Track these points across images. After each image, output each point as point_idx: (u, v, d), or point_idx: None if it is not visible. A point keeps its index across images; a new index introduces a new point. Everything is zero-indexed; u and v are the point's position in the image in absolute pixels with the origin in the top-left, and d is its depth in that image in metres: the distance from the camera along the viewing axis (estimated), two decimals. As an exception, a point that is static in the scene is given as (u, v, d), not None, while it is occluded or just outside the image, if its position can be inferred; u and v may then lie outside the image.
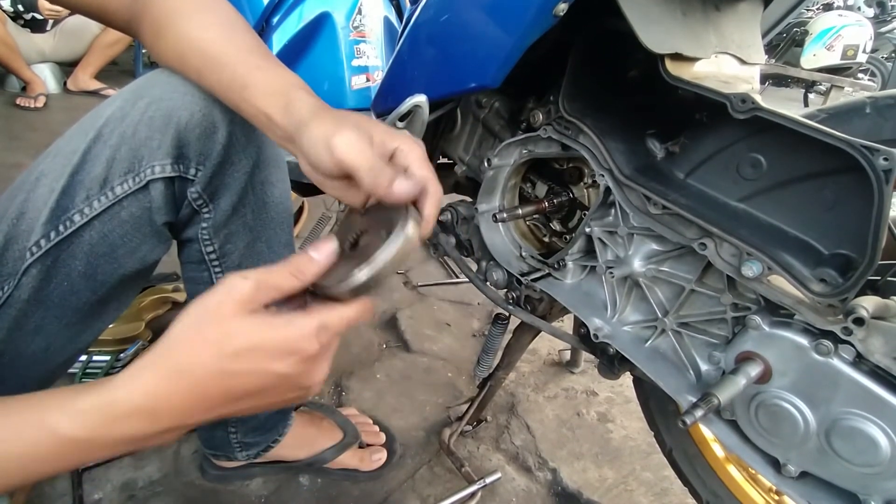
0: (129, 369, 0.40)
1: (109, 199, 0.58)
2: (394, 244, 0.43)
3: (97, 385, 0.40)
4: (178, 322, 0.40)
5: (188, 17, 0.57)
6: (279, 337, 0.40)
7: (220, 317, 0.39)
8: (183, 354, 0.39)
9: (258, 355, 0.40)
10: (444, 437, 1.06)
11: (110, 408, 0.39)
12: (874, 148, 0.47)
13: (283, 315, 0.41)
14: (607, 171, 0.66)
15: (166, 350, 0.40)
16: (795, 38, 5.46)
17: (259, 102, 0.52)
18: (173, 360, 0.39)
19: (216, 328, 0.39)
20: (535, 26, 0.60)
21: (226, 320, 0.39)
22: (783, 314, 0.57)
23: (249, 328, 0.40)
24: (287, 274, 0.42)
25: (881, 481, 0.53)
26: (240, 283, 0.40)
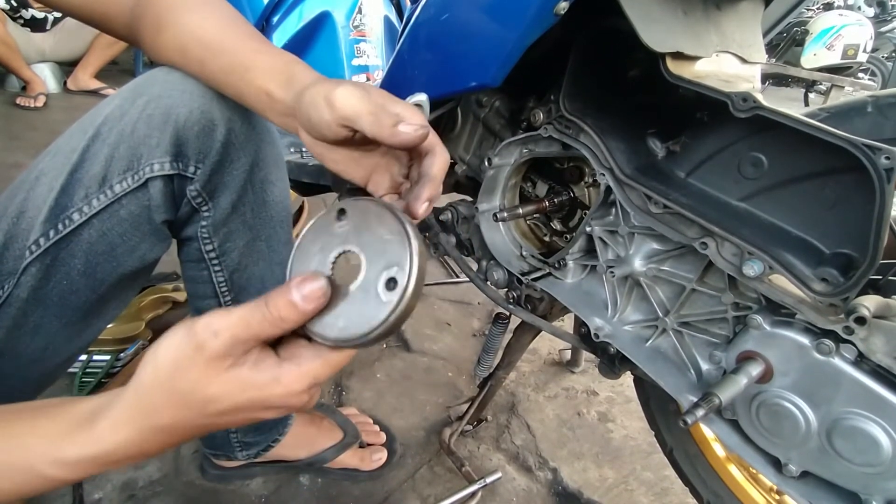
0: (107, 420, 0.39)
1: (108, 197, 0.58)
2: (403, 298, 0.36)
3: (80, 430, 0.39)
4: (147, 373, 0.38)
5: (188, 11, 0.58)
6: (264, 396, 0.38)
7: (193, 380, 0.37)
8: (161, 416, 0.38)
9: (244, 412, 0.39)
10: (445, 436, 1.06)
11: (97, 459, 0.39)
12: (876, 147, 0.47)
13: (267, 370, 0.37)
14: (608, 170, 0.66)
15: (143, 408, 0.38)
16: (796, 37, 5.46)
17: (260, 82, 0.52)
18: (153, 420, 0.38)
19: (193, 394, 0.37)
20: (535, 25, 0.60)
21: (202, 386, 0.37)
22: (784, 313, 0.57)
23: (230, 391, 0.37)
24: (266, 325, 0.37)
25: (882, 481, 0.53)
26: (210, 342, 0.36)
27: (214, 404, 0.37)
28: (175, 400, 0.38)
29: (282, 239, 0.76)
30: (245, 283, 0.74)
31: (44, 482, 0.40)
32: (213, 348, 0.36)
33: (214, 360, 0.36)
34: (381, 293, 0.37)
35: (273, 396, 0.38)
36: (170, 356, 0.37)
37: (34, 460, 0.39)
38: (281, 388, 0.38)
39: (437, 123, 0.87)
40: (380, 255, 0.38)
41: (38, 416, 0.41)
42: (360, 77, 1.21)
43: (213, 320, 0.36)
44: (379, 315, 0.36)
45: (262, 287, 0.76)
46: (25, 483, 0.40)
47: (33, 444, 0.40)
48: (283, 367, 0.38)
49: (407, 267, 0.37)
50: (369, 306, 0.37)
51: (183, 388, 0.37)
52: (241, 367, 0.37)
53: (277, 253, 0.76)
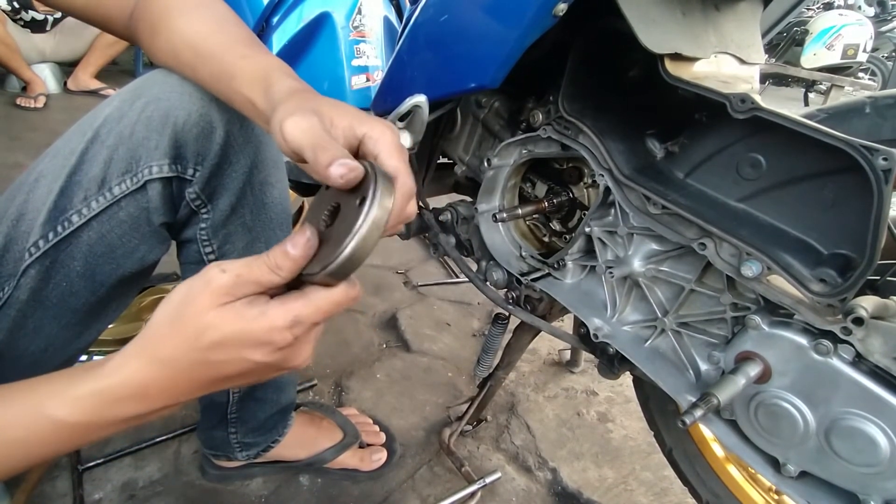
0: (117, 356, 0.41)
1: (107, 199, 0.58)
2: (365, 222, 0.40)
3: (89, 371, 0.41)
4: (160, 310, 0.41)
5: (181, 13, 0.58)
6: (250, 329, 0.40)
7: (196, 310, 0.40)
8: (163, 346, 0.41)
9: (232, 347, 0.41)
10: (444, 436, 1.06)
11: (104, 394, 0.41)
12: (873, 148, 0.47)
13: (257, 306, 0.40)
14: (607, 170, 0.66)
15: (149, 340, 0.41)
16: (796, 37, 5.45)
17: (244, 90, 0.52)
18: (156, 351, 0.41)
19: (193, 321, 0.40)
20: (534, 26, 0.60)
21: (201, 313, 0.40)
22: (783, 314, 0.57)
23: (222, 321, 0.40)
24: (265, 269, 0.41)
25: (880, 481, 0.53)
26: (217, 276, 0.40)
27: (208, 333, 0.40)
28: (176, 328, 0.40)
29: (281, 241, 0.76)
30: (245, 284, 0.74)
31: (54, 425, 0.41)
32: (219, 282, 0.40)
33: (217, 293, 0.40)
34: (354, 215, 0.41)
35: (258, 329, 0.40)
36: (181, 290, 0.41)
37: (44, 400, 0.41)
38: (266, 320, 0.40)
39: (437, 124, 0.87)
40: (354, 193, 0.42)
41: (51, 374, 0.43)
42: (360, 77, 1.21)
43: (222, 262, 0.41)
44: (350, 230, 0.40)
45: (261, 288, 0.76)
46: (37, 429, 0.41)
47: (43, 388, 0.41)
48: (270, 304, 0.41)
49: (371, 187, 0.40)
50: (343, 231, 0.41)
51: (185, 315, 0.40)
52: (237, 302, 0.40)
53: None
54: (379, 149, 0.45)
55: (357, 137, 0.45)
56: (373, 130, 0.45)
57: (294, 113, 0.44)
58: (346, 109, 0.47)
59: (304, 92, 0.49)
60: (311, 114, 0.44)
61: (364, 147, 0.45)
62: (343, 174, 0.40)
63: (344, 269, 0.40)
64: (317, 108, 0.45)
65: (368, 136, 0.45)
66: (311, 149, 0.42)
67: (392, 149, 0.45)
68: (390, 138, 0.45)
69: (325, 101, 0.47)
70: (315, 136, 0.43)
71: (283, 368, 0.43)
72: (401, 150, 0.45)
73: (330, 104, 0.47)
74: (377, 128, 0.45)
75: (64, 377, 0.42)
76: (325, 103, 0.47)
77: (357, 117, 0.46)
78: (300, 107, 0.45)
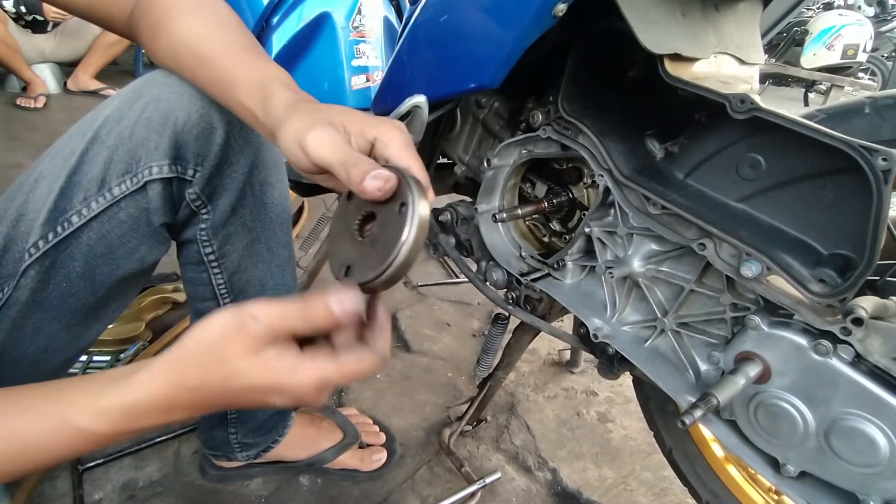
0: (144, 372, 0.42)
1: (107, 200, 0.58)
2: (413, 226, 0.41)
3: (114, 383, 0.42)
4: (191, 339, 0.42)
5: (181, 15, 0.58)
6: (278, 382, 0.41)
7: (227, 354, 0.41)
8: (191, 377, 0.41)
9: (258, 392, 0.42)
10: (444, 437, 1.06)
11: (130, 409, 0.42)
12: (873, 148, 0.47)
13: (288, 358, 0.41)
14: (606, 171, 0.66)
15: (178, 365, 0.42)
16: (795, 37, 5.45)
17: (243, 99, 0.52)
18: (183, 378, 0.42)
19: (223, 364, 0.41)
20: (534, 26, 0.60)
21: (232, 359, 0.41)
22: (782, 314, 0.57)
23: (252, 370, 0.41)
24: (303, 322, 0.41)
25: (880, 481, 0.53)
26: (251, 325, 0.40)
27: (238, 378, 0.41)
28: (207, 363, 0.41)
29: (281, 241, 0.76)
30: (244, 285, 0.75)
31: (78, 435, 0.41)
32: (253, 330, 0.40)
33: (251, 340, 0.40)
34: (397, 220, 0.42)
35: (286, 384, 0.41)
36: (215, 327, 0.41)
37: (70, 410, 0.41)
38: (295, 378, 0.41)
39: (437, 124, 0.87)
40: (389, 201, 0.43)
41: (73, 380, 0.44)
42: (360, 77, 1.21)
43: (258, 308, 0.41)
44: (400, 234, 0.41)
45: (261, 289, 0.76)
46: (61, 437, 0.41)
47: (69, 397, 0.42)
48: (302, 360, 0.41)
49: (409, 192, 0.41)
50: (391, 235, 0.42)
51: (218, 355, 0.41)
52: (269, 350, 0.41)
53: (277, 255, 0.76)
54: (391, 150, 0.46)
55: (369, 141, 0.46)
56: (383, 133, 0.46)
57: (312, 128, 0.45)
58: (354, 115, 0.47)
59: (305, 103, 0.49)
60: (329, 126, 0.45)
61: (376, 150, 0.46)
62: (380, 187, 0.42)
63: (399, 273, 0.42)
64: (329, 119, 0.46)
65: (379, 138, 0.46)
66: (342, 165, 0.43)
67: (403, 149, 0.46)
68: (400, 138, 0.46)
69: (333, 109, 0.48)
70: (341, 151, 0.44)
71: (300, 404, 0.45)
72: (412, 148, 0.46)
73: (339, 112, 0.48)
74: (387, 130, 0.46)
75: (89, 387, 0.42)
76: (335, 112, 0.47)
77: (367, 121, 0.47)
78: (314, 120, 0.46)
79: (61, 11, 2.95)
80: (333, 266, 0.48)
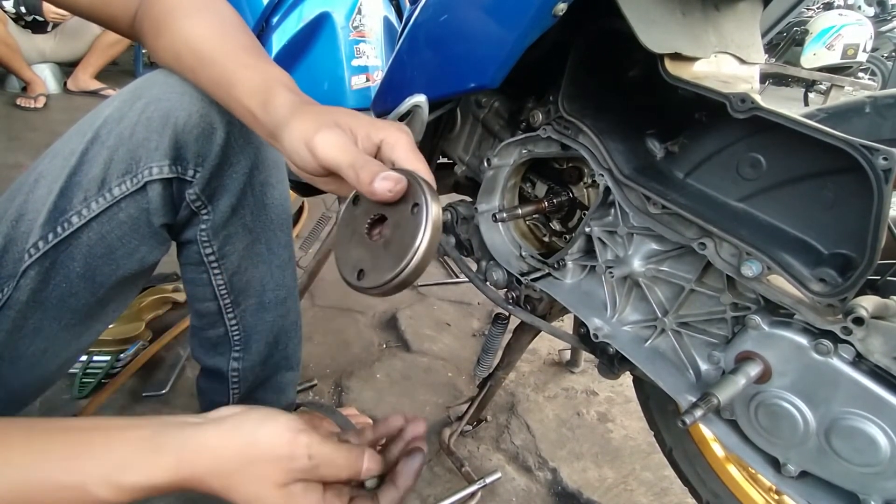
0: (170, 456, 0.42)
1: (107, 200, 0.58)
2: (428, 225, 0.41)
3: (142, 460, 0.42)
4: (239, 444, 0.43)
5: (184, 16, 0.58)
6: None
7: (264, 478, 0.43)
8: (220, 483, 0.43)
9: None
10: (444, 436, 1.06)
11: (154, 488, 0.42)
12: (873, 147, 0.47)
13: (310, 499, 0.44)
14: (607, 170, 0.66)
15: (213, 466, 0.43)
16: (796, 37, 5.45)
17: (244, 100, 0.52)
18: (212, 479, 0.43)
19: (254, 486, 0.43)
20: (534, 26, 0.60)
21: (265, 487, 0.43)
22: (783, 314, 0.57)
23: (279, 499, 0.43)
24: (340, 471, 0.45)
25: (881, 481, 0.53)
26: (302, 464, 0.43)
27: (259, 500, 0.43)
28: (240, 475, 0.43)
29: (281, 241, 0.76)
30: (244, 285, 0.75)
31: (93, 502, 0.42)
32: (300, 466, 0.43)
33: (293, 473, 0.43)
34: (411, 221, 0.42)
35: None
36: (270, 443, 0.43)
37: (88, 482, 0.41)
38: None
39: (437, 124, 0.87)
40: (400, 202, 0.44)
41: (94, 437, 0.43)
42: (360, 77, 1.21)
43: (315, 446, 0.44)
44: (416, 235, 0.41)
45: (261, 290, 0.76)
46: (75, 502, 0.42)
47: (89, 466, 0.42)
48: (325, 500, 0.45)
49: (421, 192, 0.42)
50: (406, 237, 0.42)
51: (255, 472, 0.43)
52: (296, 485, 0.44)
53: (277, 256, 0.76)
54: (398, 153, 0.46)
55: (375, 144, 0.47)
56: (389, 136, 0.46)
57: (320, 130, 0.45)
58: (360, 118, 0.48)
59: (309, 105, 0.49)
60: (337, 128, 0.45)
61: (382, 152, 0.47)
62: (391, 188, 0.42)
63: (415, 275, 0.42)
64: (336, 121, 0.46)
65: (386, 141, 0.46)
66: (350, 166, 0.43)
67: (410, 152, 0.46)
68: (406, 141, 0.47)
69: (339, 111, 0.48)
70: (350, 153, 0.44)
71: None
72: (417, 151, 0.47)
73: (345, 114, 0.48)
74: (393, 133, 0.47)
75: (111, 459, 0.42)
76: (341, 114, 0.48)
77: (372, 124, 0.47)
78: (321, 122, 0.46)
79: (61, 11, 2.96)
80: (344, 270, 0.47)
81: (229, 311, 0.75)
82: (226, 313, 0.76)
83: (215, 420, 0.45)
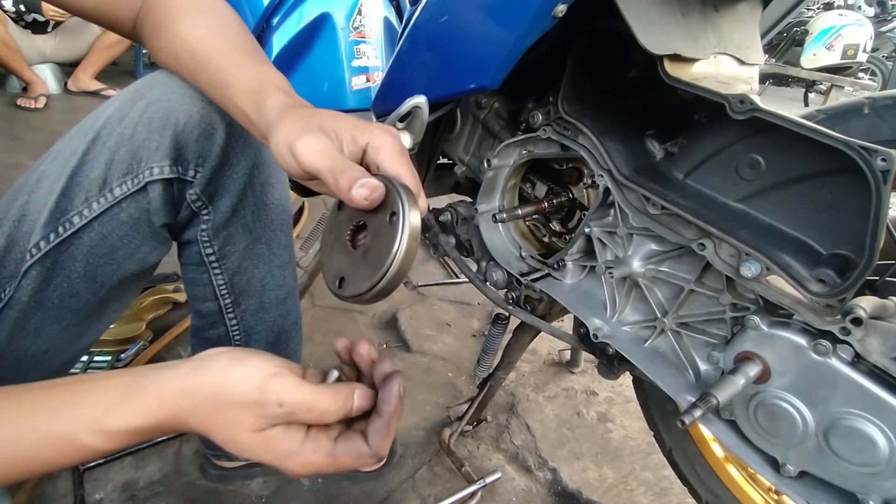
0: (154, 394, 0.43)
1: (108, 200, 0.59)
2: (403, 236, 0.41)
3: (123, 403, 0.42)
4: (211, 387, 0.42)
5: (183, 16, 0.58)
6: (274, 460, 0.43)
7: (237, 424, 0.42)
8: (198, 423, 0.43)
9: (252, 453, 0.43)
10: (444, 436, 1.06)
11: (136, 431, 0.43)
12: (872, 148, 0.47)
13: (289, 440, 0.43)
14: (606, 171, 0.66)
15: (189, 405, 0.43)
16: (795, 37, 5.45)
17: (239, 101, 0.52)
18: (192, 419, 0.43)
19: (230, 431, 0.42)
20: (534, 27, 0.60)
21: (240, 431, 0.42)
22: (782, 314, 0.57)
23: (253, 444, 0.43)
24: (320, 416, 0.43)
25: (879, 481, 0.53)
26: (273, 410, 0.42)
27: (237, 445, 0.43)
28: (213, 418, 0.42)
29: (282, 241, 0.76)
30: (245, 285, 0.75)
31: (83, 452, 0.42)
32: (272, 413, 0.42)
33: (266, 419, 0.42)
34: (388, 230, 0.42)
35: (280, 463, 0.43)
36: (238, 389, 0.42)
37: (77, 430, 0.42)
38: (290, 461, 0.43)
39: (437, 125, 0.87)
40: (380, 210, 0.43)
41: (78, 389, 0.44)
42: (360, 78, 1.21)
43: (286, 393, 0.42)
44: (392, 244, 0.41)
45: (262, 290, 0.76)
46: (66, 453, 0.42)
47: (76, 415, 0.42)
48: (303, 448, 0.43)
49: (399, 201, 0.41)
50: (382, 246, 0.42)
51: (229, 418, 0.42)
52: (276, 430, 0.42)
53: (277, 256, 0.76)
54: (382, 157, 0.45)
55: (360, 147, 0.46)
56: (374, 139, 0.46)
57: (303, 134, 0.45)
58: (346, 120, 0.47)
59: (298, 108, 0.49)
60: (320, 133, 0.45)
61: (367, 156, 0.46)
62: (366, 196, 0.42)
63: (392, 285, 0.42)
64: (320, 124, 0.46)
65: (371, 144, 0.46)
66: (330, 172, 0.43)
67: (394, 155, 0.45)
68: (391, 144, 0.46)
69: (325, 114, 0.48)
70: (331, 158, 0.43)
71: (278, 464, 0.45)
72: (403, 154, 0.46)
73: (329, 117, 0.47)
74: (378, 135, 0.46)
75: (96, 403, 0.43)
76: (326, 117, 0.47)
77: (358, 127, 0.46)
78: (305, 126, 0.45)
79: (60, 10, 2.96)
80: (327, 278, 0.47)
81: (230, 311, 0.76)
82: (226, 313, 0.76)
83: (191, 361, 0.44)
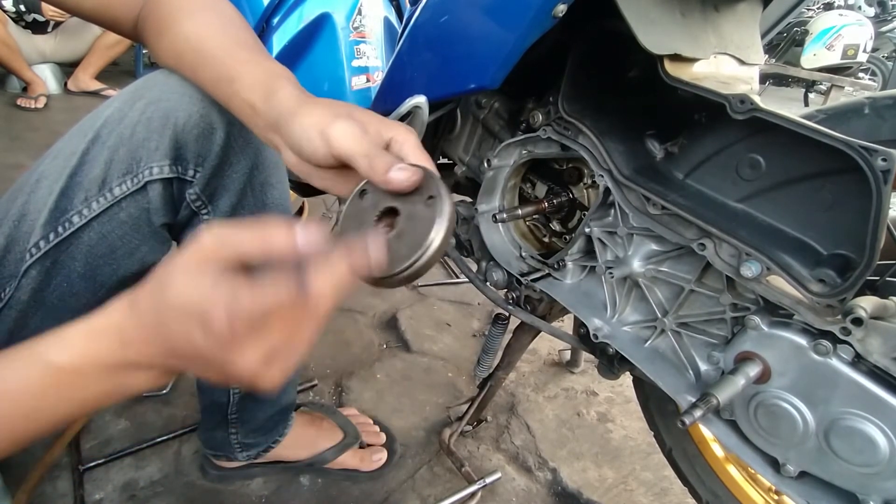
0: (118, 300, 0.40)
1: (108, 200, 0.59)
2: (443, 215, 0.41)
3: (82, 318, 0.40)
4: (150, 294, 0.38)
5: (187, 16, 0.58)
6: (192, 298, 0.35)
7: (170, 270, 0.37)
8: (142, 297, 0.38)
9: (177, 312, 0.36)
10: (444, 437, 1.06)
11: (88, 333, 0.39)
12: (872, 148, 0.47)
13: (228, 284, 0.35)
14: (606, 171, 0.66)
15: (135, 291, 0.39)
16: (796, 37, 5.45)
17: (244, 94, 0.52)
18: (136, 298, 0.39)
19: (163, 279, 0.37)
20: (534, 27, 0.60)
21: (172, 274, 0.37)
22: (782, 314, 0.57)
23: (178, 284, 0.36)
24: (257, 243, 0.36)
25: (880, 481, 0.53)
26: (203, 241, 0.36)
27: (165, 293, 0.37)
28: (154, 282, 0.38)
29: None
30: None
31: (45, 372, 0.38)
32: (202, 246, 0.36)
33: (196, 256, 0.36)
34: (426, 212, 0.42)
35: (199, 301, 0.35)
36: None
37: (39, 347, 0.39)
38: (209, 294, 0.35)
39: (437, 124, 0.87)
40: (413, 195, 0.44)
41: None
42: (361, 78, 1.21)
43: (211, 227, 0.37)
44: (432, 224, 0.41)
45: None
46: (31, 376, 0.38)
47: (41, 339, 0.39)
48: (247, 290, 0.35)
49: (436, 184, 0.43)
50: (421, 227, 0.42)
51: (164, 271, 0.37)
52: (209, 269, 0.36)
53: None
54: (405, 150, 0.47)
55: (385, 141, 0.48)
56: (399, 135, 0.48)
57: (336, 120, 0.46)
58: (371, 114, 0.49)
59: (317, 99, 0.50)
60: (352, 120, 0.46)
61: (391, 150, 0.48)
62: (407, 177, 0.43)
63: (429, 264, 0.42)
64: (350, 113, 0.47)
65: (395, 139, 0.48)
66: (364, 156, 0.44)
67: (417, 150, 0.47)
68: (414, 140, 0.48)
69: (352, 106, 0.49)
70: (366, 143, 0.45)
71: (221, 373, 0.38)
72: (424, 151, 0.48)
73: (357, 109, 0.49)
74: (402, 132, 0.48)
75: (62, 327, 0.40)
76: (354, 109, 0.49)
77: (383, 123, 0.48)
78: (337, 112, 0.47)
79: (60, 10, 2.96)
80: None
81: (230, 310, 0.75)
82: (226, 313, 0.76)
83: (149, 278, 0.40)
